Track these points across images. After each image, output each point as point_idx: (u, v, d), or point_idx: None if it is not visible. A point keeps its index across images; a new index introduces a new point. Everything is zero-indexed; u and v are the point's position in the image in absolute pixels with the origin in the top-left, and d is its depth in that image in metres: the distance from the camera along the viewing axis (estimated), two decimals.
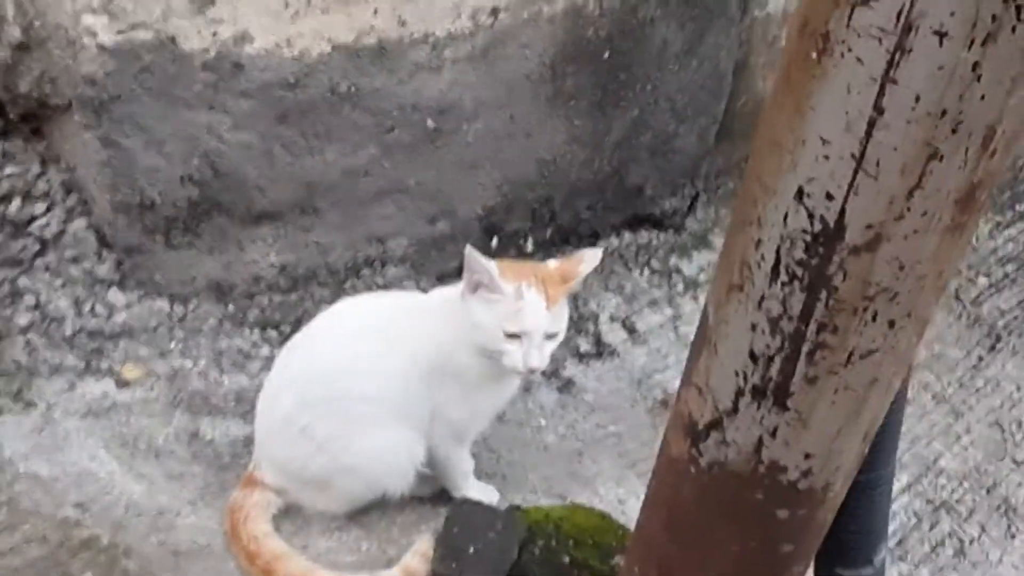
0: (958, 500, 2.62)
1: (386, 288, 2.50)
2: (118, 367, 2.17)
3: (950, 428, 2.80)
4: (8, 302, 2.20)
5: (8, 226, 2.25)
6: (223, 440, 2.12)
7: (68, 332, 2.18)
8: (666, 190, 3.05)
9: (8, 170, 2.28)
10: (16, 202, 2.26)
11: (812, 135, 0.93)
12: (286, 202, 2.30)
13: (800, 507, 1.20)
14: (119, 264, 2.27)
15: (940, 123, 0.86)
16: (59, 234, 2.26)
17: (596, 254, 1.89)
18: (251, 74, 2.07)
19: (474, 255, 1.75)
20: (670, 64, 2.76)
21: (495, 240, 2.69)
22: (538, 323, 1.77)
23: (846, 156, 0.91)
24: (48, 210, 2.26)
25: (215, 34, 1.99)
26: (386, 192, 2.43)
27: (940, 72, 0.83)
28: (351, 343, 1.92)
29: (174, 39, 1.96)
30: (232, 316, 2.36)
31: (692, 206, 3.19)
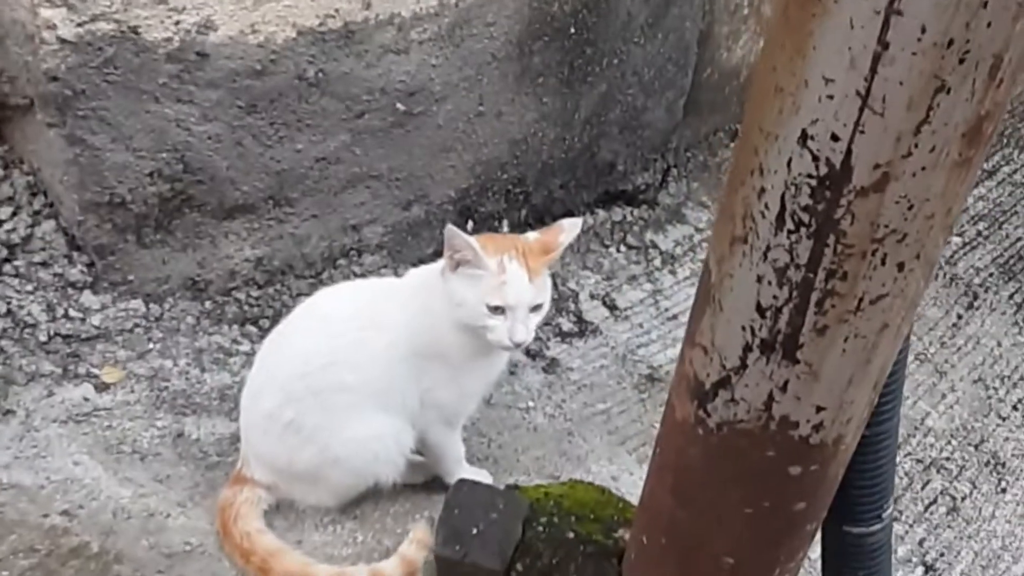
0: (947, 458, 2.63)
1: (364, 277, 2.46)
2: (96, 371, 2.12)
3: (934, 387, 2.82)
4: None
5: None
6: (209, 439, 2.09)
7: (43, 338, 2.13)
8: (637, 165, 3.04)
9: None
10: None
11: (815, 75, 0.90)
12: (258, 194, 2.26)
13: (812, 462, 1.18)
14: (91, 266, 2.22)
15: (947, 53, 0.84)
16: (27, 238, 2.21)
17: (575, 223, 1.87)
18: (217, 63, 2.03)
19: (455, 232, 1.72)
20: (636, 37, 2.75)
21: (470, 223, 2.66)
22: (521, 296, 1.75)
23: (851, 94, 0.89)
24: (14, 214, 2.21)
25: (178, 23, 1.94)
26: (359, 179, 2.39)
27: (946, 0, 0.82)
28: (330, 333, 1.88)
29: (136, 29, 1.91)
30: (210, 313, 2.32)
31: (664, 180, 3.18)
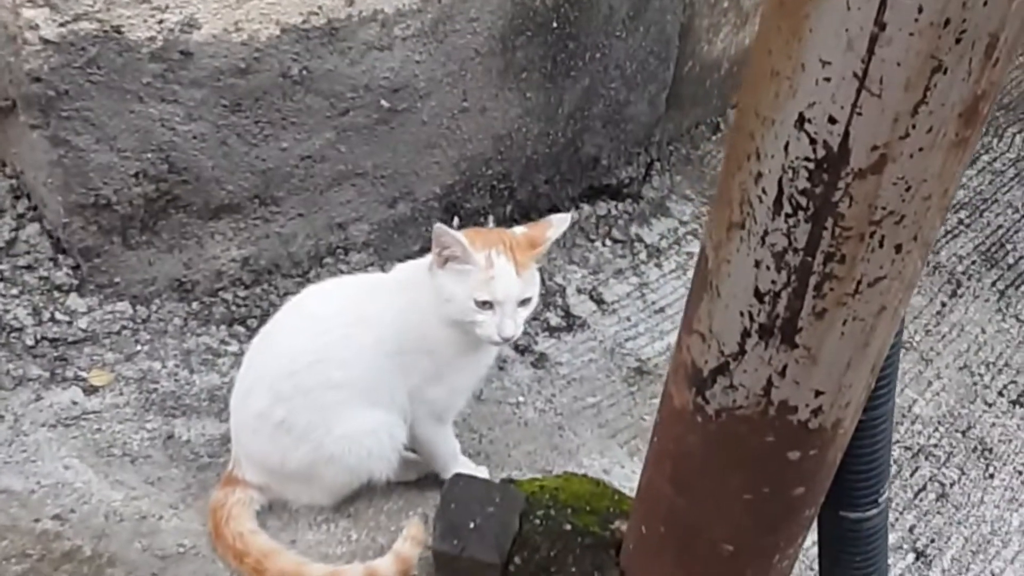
0: (935, 445, 2.64)
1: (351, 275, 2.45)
2: (85, 374, 2.11)
3: (921, 375, 2.83)
4: None
5: None
6: (199, 440, 2.07)
7: (29, 342, 2.11)
8: (621, 159, 3.04)
9: None
10: None
11: (811, 58, 0.91)
12: (244, 193, 2.25)
13: (811, 447, 1.18)
14: (76, 268, 2.21)
15: (943, 33, 0.84)
16: (11, 242, 2.19)
17: (564, 219, 1.87)
18: (201, 61, 2.01)
19: (444, 230, 1.72)
20: (617, 31, 2.75)
21: (456, 220, 2.66)
22: (510, 290, 1.75)
23: (848, 76, 0.89)
24: None
25: (161, 22, 1.93)
26: (344, 177, 2.38)
27: None
28: (317, 331, 1.87)
29: (119, 29, 1.90)
30: (197, 314, 2.30)
31: (647, 174, 3.18)
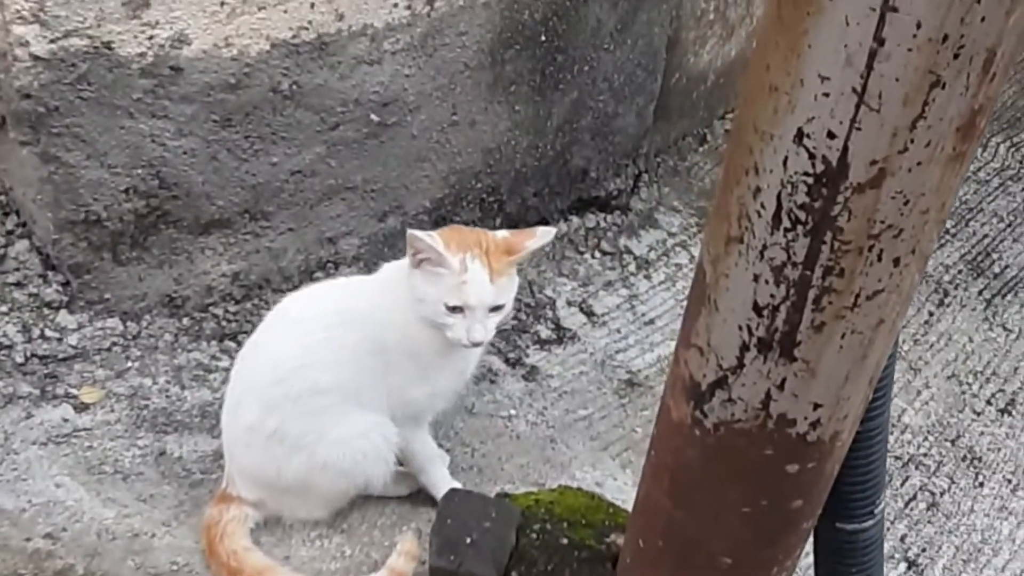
0: (925, 454, 2.65)
1: None
2: (75, 391, 2.10)
3: (909, 384, 2.84)
4: None
5: None
6: (191, 456, 2.07)
7: (19, 359, 2.10)
8: (609, 171, 3.05)
9: None
10: None
11: (810, 73, 0.91)
12: (234, 208, 2.25)
13: (810, 460, 1.19)
14: (66, 285, 2.20)
15: (942, 49, 0.85)
16: (0, 258, 2.18)
17: (549, 232, 1.86)
18: (191, 77, 2.01)
19: (418, 236, 1.72)
20: (605, 44, 2.75)
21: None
22: (482, 297, 1.74)
23: (847, 91, 0.89)
24: None
25: (151, 38, 1.92)
26: (334, 191, 2.38)
27: None
28: (301, 336, 1.86)
29: (110, 45, 1.89)
30: (188, 330, 2.30)
31: (635, 186, 3.19)
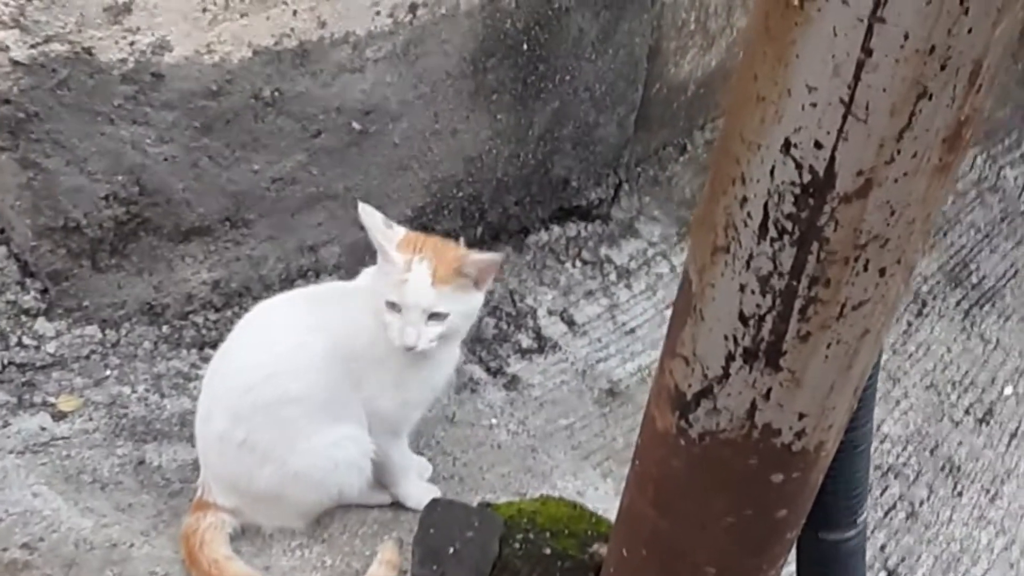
0: (904, 463, 2.66)
1: None
2: (53, 399, 2.08)
3: (889, 394, 2.85)
4: None
5: None
6: (171, 466, 2.05)
7: None
8: (590, 181, 3.05)
9: None
10: None
11: (798, 83, 0.91)
12: (215, 216, 2.23)
13: (794, 470, 1.19)
14: (44, 292, 2.18)
15: (929, 60, 0.85)
16: None
17: (497, 256, 1.81)
18: (172, 84, 2.00)
19: (365, 210, 1.72)
20: (587, 53, 2.76)
21: None
22: (419, 298, 1.71)
23: (834, 102, 0.89)
24: None
25: (132, 44, 1.91)
26: (316, 199, 2.37)
27: (929, 7, 0.82)
28: (270, 344, 1.84)
29: (90, 51, 1.88)
30: (167, 338, 2.28)
31: (616, 195, 3.20)
